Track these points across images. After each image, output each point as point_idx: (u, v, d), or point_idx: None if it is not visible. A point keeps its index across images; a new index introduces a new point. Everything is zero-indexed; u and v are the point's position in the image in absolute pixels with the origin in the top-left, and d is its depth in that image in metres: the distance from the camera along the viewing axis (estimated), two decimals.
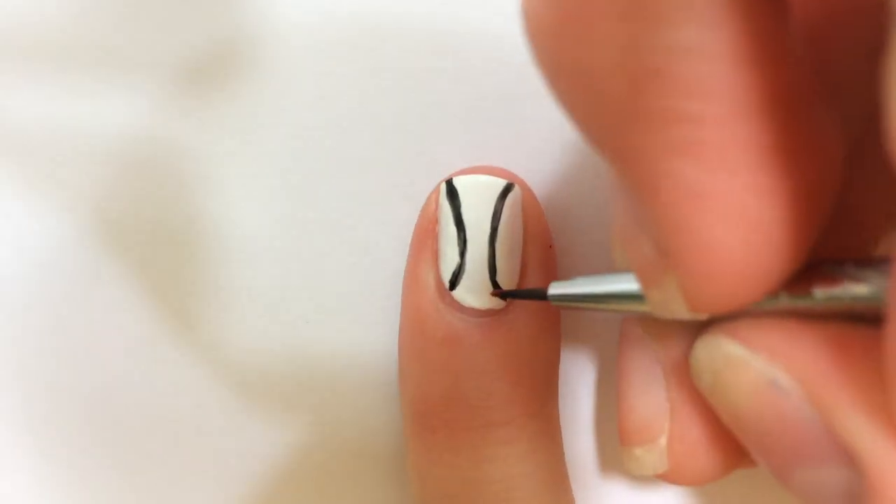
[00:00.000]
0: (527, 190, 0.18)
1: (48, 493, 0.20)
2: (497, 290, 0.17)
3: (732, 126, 0.10)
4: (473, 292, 0.17)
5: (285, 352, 0.20)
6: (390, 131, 0.19)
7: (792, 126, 0.11)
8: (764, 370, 0.12)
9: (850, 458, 0.11)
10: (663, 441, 0.16)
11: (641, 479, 0.20)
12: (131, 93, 0.19)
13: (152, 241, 0.19)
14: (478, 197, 0.17)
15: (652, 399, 0.16)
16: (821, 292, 0.12)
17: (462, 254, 0.17)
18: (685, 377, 0.16)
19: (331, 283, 0.19)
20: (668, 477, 0.16)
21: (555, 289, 0.16)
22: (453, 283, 0.17)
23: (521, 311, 0.17)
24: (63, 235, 0.19)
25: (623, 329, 0.17)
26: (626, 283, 0.15)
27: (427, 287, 0.17)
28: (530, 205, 0.18)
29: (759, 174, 0.10)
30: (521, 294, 0.17)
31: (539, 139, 0.19)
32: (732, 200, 0.10)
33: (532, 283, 0.17)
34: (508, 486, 0.17)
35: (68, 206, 0.19)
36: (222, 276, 0.19)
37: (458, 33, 0.19)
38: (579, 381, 0.20)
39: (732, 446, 0.15)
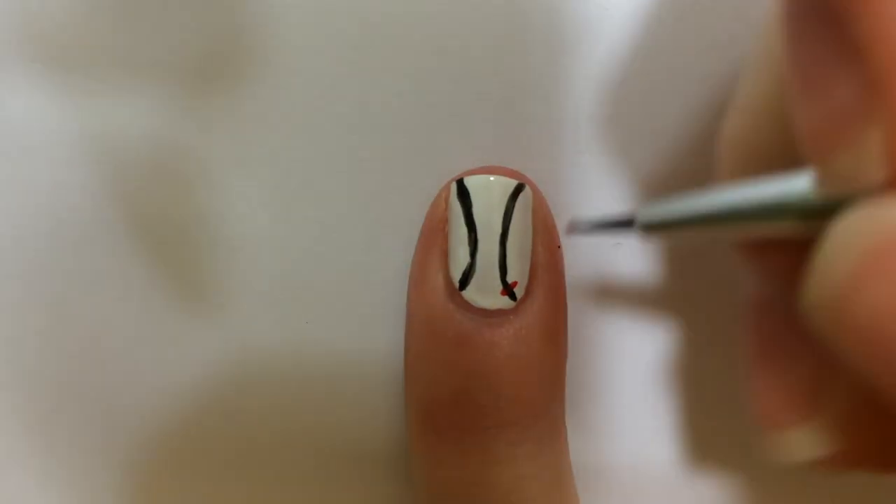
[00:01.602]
0: (536, 190, 0.18)
1: (49, 493, 0.20)
2: (576, 223, 0.15)
3: None
4: (484, 292, 0.17)
5: (286, 352, 0.19)
6: (391, 131, 0.19)
7: None
8: None
9: None
10: (824, 416, 0.12)
11: (644, 479, 0.20)
12: (131, 93, 0.19)
13: (152, 240, 0.19)
14: (489, 197, 0.17)
15: (802, 367, 0.13)
16: None
17: (473, 254, 0.17)
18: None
19: (332, 283, 0.19)
20: (838, 459, 0.12)
21: (646, 213, 0.13)
22: (463, 283, 0.17)
23: (531, 311, 0.17)
24: (63, 235, 0.19)
25: (750, 297, 0.14)
26: (750, 192, 0.11)
27: (436, 287, 0.17)
28: (540, 205, 0.18)
29: None
30: (603, 224, 0.15)
31: (540, 139, 0.19)
32: None
33: (541, 283, 0.17)
34: (515, 488, 0.17)
35: (68, 205, 0.19)
36: (222, 276, 0.19)
37: (458, 33, 0.19)
38: (582, 380, 0.20)
39: None
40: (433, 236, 0.18)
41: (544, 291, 0.17)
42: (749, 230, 0.12)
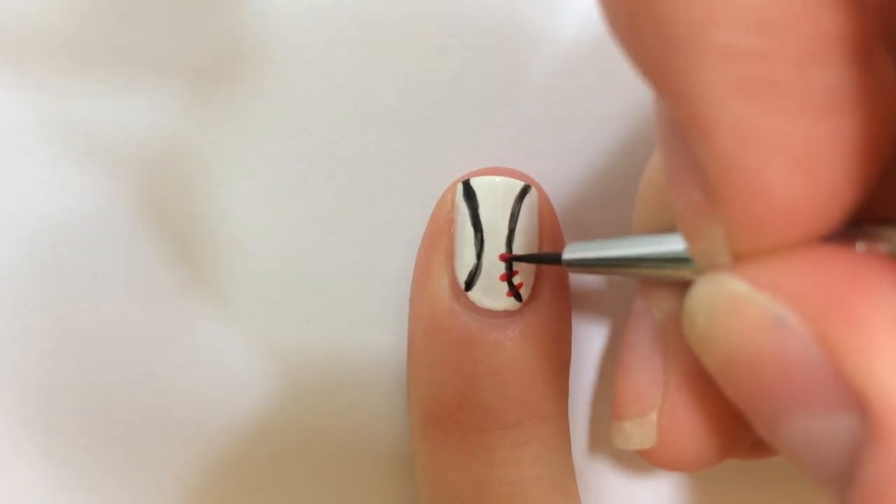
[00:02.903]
0: (541, 192, 0.18)
1: (48, 493, 0.20)
2: (507, 254, 0.17)
3: (798, 67, 0.10)
4: (489, 293, 0.17)
5: (286, 353, 0.19)
6: (390, 131, 0.19)
7: (858, 71, 0.10)
8: (770, 307, 0.11)
9: (856, 403, 0.10)
10: (654, 416, 0.16)
11: (644, 479, 0.20)
12: (131, 93, 0.19)
13: (152, 240, 0.19)
14: (495, 198, 0.17)
15: (648, 372, 0.16)
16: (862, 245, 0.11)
17: (479, 255, 0.17)
18: (684, 350, 0.15)
19: (331, 283, 0.19)
20: (654, 455, 0.16)
21: (570, 253, 0.16)
22: (469, 284, 0.17)
23: (535, 312, 0.17)
24: (64, 235, 0.19)
25: (632, 304, 0.17)
26: (644, 247, 0.15)
27: (441, 288, 0.17)
28: (545, 207, 0.18)
29: (820, 119, 0.10)
30: (533, 258, 0.17)
31: (540, 139, 0.19)
32: (790, 143, 0.10)
33: (546, 284, 0.17)
34: (519, 489, 0.17)
35: (68, 206, 0.19)
36: (222, 277, 0.19)
37: (458, 33, 0.19)
38: (585, 381, 0.20)
39: (724, 429, 0.15)
40: (438, 237, 0.18)
41: (549, 293, 0.17)
42: (643, 274, 0.15)
